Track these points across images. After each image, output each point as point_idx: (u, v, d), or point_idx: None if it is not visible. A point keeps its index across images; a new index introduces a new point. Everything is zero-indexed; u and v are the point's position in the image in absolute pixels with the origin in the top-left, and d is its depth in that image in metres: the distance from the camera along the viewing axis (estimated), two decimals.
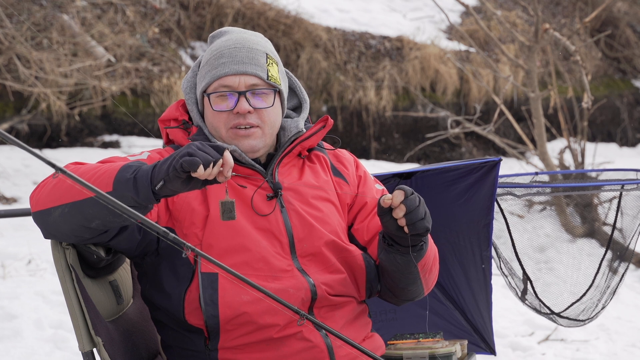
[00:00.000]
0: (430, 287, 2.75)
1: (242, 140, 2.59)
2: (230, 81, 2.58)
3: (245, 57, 2.59)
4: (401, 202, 2.43)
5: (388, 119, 10.78)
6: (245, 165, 2.60)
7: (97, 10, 9.80)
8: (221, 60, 2.59)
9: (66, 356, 4.78)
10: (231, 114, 2.58)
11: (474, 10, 9.91)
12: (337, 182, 2.72)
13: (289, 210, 2.60)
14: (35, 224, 2.44)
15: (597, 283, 3.71)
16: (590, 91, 6.24)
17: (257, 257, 2.53)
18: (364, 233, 2.70)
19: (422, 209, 2.45)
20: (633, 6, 12.89)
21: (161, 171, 2.28)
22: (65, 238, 2.44)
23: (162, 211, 2.54)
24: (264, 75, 2.59)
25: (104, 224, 2.37)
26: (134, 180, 2.30)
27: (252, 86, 2.59)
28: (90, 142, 9.35)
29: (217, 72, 2.59)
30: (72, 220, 2.36)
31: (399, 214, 2.44)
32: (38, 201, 2.41)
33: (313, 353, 2.52)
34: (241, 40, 2.62)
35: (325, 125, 2.71)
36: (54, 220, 2.38)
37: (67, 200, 2.35)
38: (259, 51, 2.62)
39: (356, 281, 2.66)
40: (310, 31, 10.70)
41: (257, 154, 2.62)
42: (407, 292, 2.68)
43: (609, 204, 4.26)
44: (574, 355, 5.58)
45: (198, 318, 2.52)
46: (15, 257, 6.02)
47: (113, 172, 2.34)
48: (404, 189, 2.44)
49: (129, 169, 2.32)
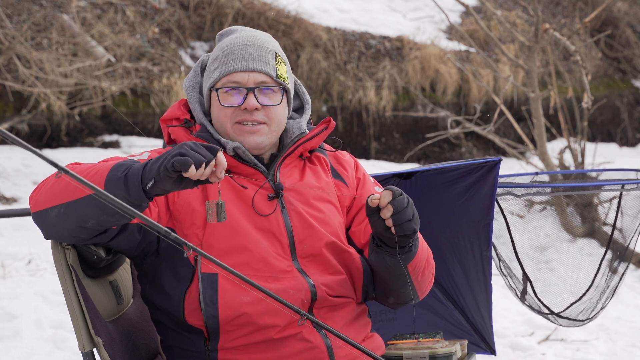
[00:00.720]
0: (425, 292, 2.73)
1: (248, 137, 2.59)
2: (239, 77, 2.59)
3: (255, 55, 2.60)
4: (389, 203, 2.42)
5: (388, 119, 10.78)
6: (248, 164, 2.60)
7: (97, 10, 9.80)
8: (231, 57, 2.60)
9: (66, 356, 4.78)
10: (238, 109, 2.59)
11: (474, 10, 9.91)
12: (336, 184, 2.72)
13: (290, 211, 2.60)
14: (35, 224, 2.44)
15: (597, 283, 3.71)
16: (590, 91, 6.24)
17: (257, 258, 2.53)
18: (361, 236, 2.70)
19: (410, 211, 2.44)
20: (633, 6, 12.89)
21: (152, 170, 2.28)
22: (64, 238, 2.44)
23: (163, 211, 2.54)
24: (272, 73, 2.60)
25: (100, 223, 2.37)
26: (125, 178, 2.30)
27: (261, 83, 2.59)
28: (90, 142, 9.35)
29: (227, 68, 2.59)
30: (69, 220, 2.37)
31: (387, 214, 2.42)
32: (37, 202, 2.41)
33: (313, 353, 2.52)
34: (251, 38, 2.63)
35: (328, 127, 2.71)
36: (51, 220, 2.39)
37: (63, 200, 2.35)
38: (269, 49, 2.63)
39: (353, 283, 2.66)
40: (310, 31, 10.70)
41: (262, 151, 2.62)
42: (400, 295, 2.67)
43: (609, 204, 4.26)
44: (574, 355, 5.58)
45: (198, 318, 2.52)
46: (15, 257, 6.02)
47: (105, 171, 2.34)
48: (392, 189, 2.43)
49: (120, 168, 2.33)
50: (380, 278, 2.65)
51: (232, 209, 2.55)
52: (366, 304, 2.74)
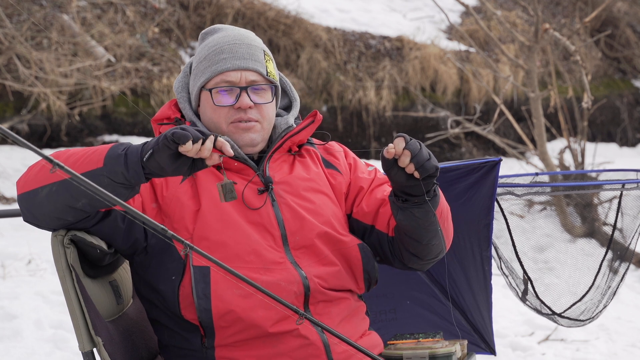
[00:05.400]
0: (450, 239, 2.73)
1: (243, 134, 2.61)
2: (231, 76, 2.61)
3: (246, 53, 2.62)
4: (404, 148, 2.41)
5: (388, 119, 10.77)
6: (238, 160, 2.61)
7: (97, 10, 9.79)
8: (222, 56, 2.61)
9: (66, 356, 4.78)
10: (232, 109, 2.60)
11: (474, 10, 9.92)
12: (330, 174, 2.74)
13: (280, 204, 2.61)
14: (19, 206, 2.44)
15: (598, 283, 3.70)
16: (590, 91, 6.23)
17: (249, 250, 2.54)
18: (365, 212, 2.69)
19: (425, 150, 2.44)
20: (633, 6, 12.89)
21: (151, 142, 2.32)
22: (48, 221, 2.43)
23: (148, 203, 2.55)
24: (263, 71, 2.62)
25: (90, 203, 2.38)
26: (125, 156, 2.33)
27: (253, 82, 2.62)
28: (90, 142, 9.34)
29: (218, 68, 2.61)
30: (59, 199, 2.37)
31: (406, 161, 2.42)
32: (25, 183, 2.42)
33: (310, 350, 2.53)
34: (239, 37, 2.65)
35: (315, 121, 2.72)
36: (39, 200, 2.39)
37: (55, 179, 2.36)
38: (257, 47, 2.66)
39: (353, 273, 2.65)
40: (310, 31, 10.70)
41: (255, 148, 2.64)
42: (432, 248, 2.64)
43: (609, 204, 4.26)
44: (574, 355, 5.58)
45: (193, 312, 2.53)
46: (15, 257, 6.02)
47: (105, 149, 2.38)
48: (402, 135, 2.43)
49: (120, 146, 2.37)
50: (411, 237, 2.62)
51: (223, 203, 2.56)
52: (365, 303, 2.74)
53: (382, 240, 2.70)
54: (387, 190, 2.71)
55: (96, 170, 2.34)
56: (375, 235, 2.70)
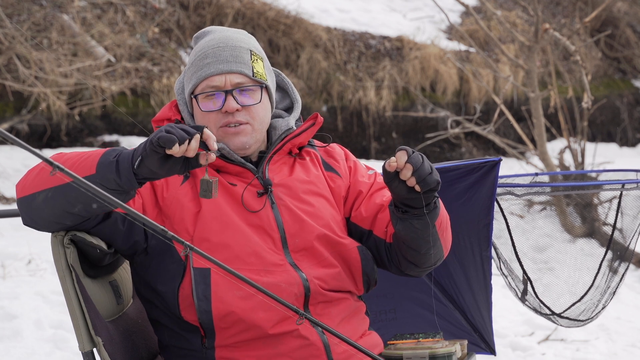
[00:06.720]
0: (448, 248, 2.72)
1: (232, 138, 2.60)
2: (216, 81, 2.60)
3: (230, 56, 2.61)
4: (406, 162, 2.41)
5: (388, 119, 10.77)
6: (235, 163, 2.61)
7: (97, 10, 9.79)
8: (206, 61, 2.61)
9: (66, 356, 4.78)
10: (220, 113, 2.60)
11: (474, 10, 9.92)
12: (330, 177, 2.74)
13: (280, 206, 2.61)
14: (19, 210, 2.45)
15: (598, 283, 3.70)
16: (590, 91, 6.23)
17: (249, 252, 2.54)
18: (363, 216, 2.69)
19: (427, 164, 2.44)
20: (633, 6, 12.89)
21: (139, 149, 2.32)
22: (47, 224, 2.45)
23: (149, 205, 2.55)
24: (249, 72, 2.61)
25: (86, 209, 2.39)
26: (117, 163, 2.34)
27: (238, 84, 2.60)
28: (90, 142, 9.34)
29: (202, 73, 2.60)
30: (55, 204, 2.38)
31: (407, 174, 2.42)
32: (23, 187, 2.43)
33: (310, 350, 2.53)
34: (224, 39, 2.64)
35: (315, 123, 2.72)
36: (37, 205, 2.40)
37: (52, 184, 2.37)
38: (243, 49, 2.63)
39: (352, 275, 2.66)
40: (310, 31, 10.70)
41: (248, 151, 2.63)
42: (429, 257, 2.64)
43: (609, 204, 4.26)
44: (574, 355, 5.58)
45: (193, 314, 2.53)
46: (15, 257, 6.02)
47: (97, 156, 2.38)
48: (405, 148, 2.43)
49: (112, 152, 2.37)
50: (409, 246, 2.62)
51: (223, 205, 2.56)
52: (365, 302, 2.74)
53: (379, 245, 2.70)
54: (387, 195, 2.71)
55: (89, 177, 2.34)
56: (372, 241, 2.70)
